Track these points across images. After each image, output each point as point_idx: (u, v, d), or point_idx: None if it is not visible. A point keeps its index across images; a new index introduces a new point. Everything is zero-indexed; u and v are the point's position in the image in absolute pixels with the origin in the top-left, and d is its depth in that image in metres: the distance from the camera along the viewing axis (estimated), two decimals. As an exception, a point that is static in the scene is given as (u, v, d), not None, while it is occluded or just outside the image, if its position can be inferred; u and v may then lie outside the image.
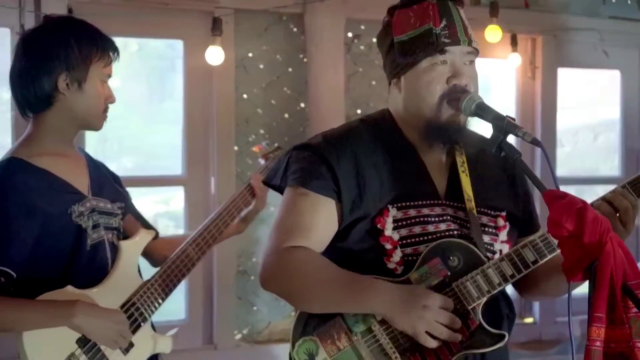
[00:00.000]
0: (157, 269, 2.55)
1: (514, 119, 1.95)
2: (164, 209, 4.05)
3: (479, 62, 2.09)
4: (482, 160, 2.11)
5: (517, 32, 4.26)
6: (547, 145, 4.41)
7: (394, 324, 1.93)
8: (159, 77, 4.04)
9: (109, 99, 2.38)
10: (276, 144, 3.13)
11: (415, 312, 1.89)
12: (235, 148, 3.79)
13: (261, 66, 3.84)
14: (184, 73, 3.76)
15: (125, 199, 2.54)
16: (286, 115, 3.90)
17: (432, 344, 1.91)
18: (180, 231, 3.85)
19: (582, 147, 5.23)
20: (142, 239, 2.50)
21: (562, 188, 4.13)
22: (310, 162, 2.03)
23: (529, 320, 4.50)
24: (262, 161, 3.05)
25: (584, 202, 1.79)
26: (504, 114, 1.96)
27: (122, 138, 3.96)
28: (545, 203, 1.83)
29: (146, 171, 3.95)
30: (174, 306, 3.85)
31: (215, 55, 3.58)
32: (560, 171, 4.86)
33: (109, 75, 2.39)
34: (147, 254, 2.57)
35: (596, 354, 1.74)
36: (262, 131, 3.86)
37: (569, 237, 1.77)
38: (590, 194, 4.89)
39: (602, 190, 2.09)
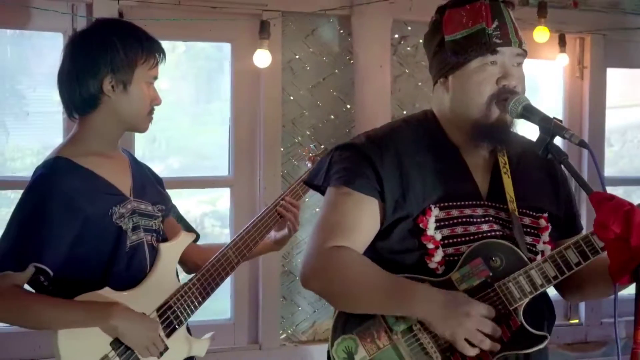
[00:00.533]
0: (196, 272, 2.53)
1: (560, 121, 1.96)
2: (210, 209, 4.08)
3: (526, 62, 2.10)
4: (524, 162, 2.11)
5: (566, 32, 4.22)
6: (595, 146, 4.40)
7: (434, 329, 1.93)
8: (207, 78, 4.06)
9: (155, 100, 2.40)
10: (323, 147, 3.15)
11: (456, 319, 1.89)
12: (282, 149, 3.81)
13: (308, 68, 3.86)
14: (232, 75, 3.79)
15: (166, 201, 2.55)
16: (332, 117, 3.91)
17: (471, 352, 1.91)
18: (226, 231, 3.87)
19: (631, 146, 5.16)
20: (182, 241, 2.50)
21: (610, 189, 4.09)
22: (353, 162, 2.04)
23: (574, 321, 4.46)
24: (308, 164, 3.06)
25: (631, 205, 1.79)
26: (551, 116, 1.96)
27: (170, 138, 3.99)
28: (592, 205, 1.83)
29: (193, 171, 3.97)
30: (220, 306, 3.88)
31: (262, 58, 3.61)
32: (609, 171, 4.79)
33: (155, 77, 2.41)
34: (180, 260, 2.55)
35: (642, 356, 1.73)
36: (308, 132, 3.87)
37: (616, 240, 1.77)
38: (639, 195, 4.85)
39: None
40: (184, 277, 2.56)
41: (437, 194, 2.02)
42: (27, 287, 2.29)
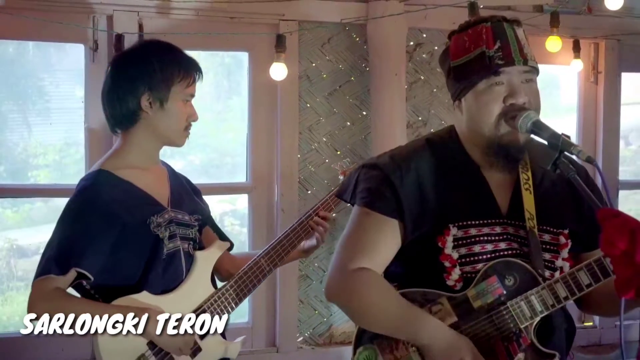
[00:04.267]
0: (229, 279, 2.64)
1: (569, 137, 1.98)
2: (230, 208, 4.12)
3: (542, 68, 2.12)
4: (548, 176, 2.14)
5: (580, 37, 4.24)
6: (610, 151, 4.42)
7: (430, 357, 2.01)
8: (227, 73, 4.07)
9: (192, 117, 2.53)
10: (355, 163, 3.21)
11: (453, 357, 1.97)
12: (298, 156, 3.86)
13: (324, 75, 3.91)
14: (249, 83, 3.85)
15: (203, 211, 2.67)
16: (348, 123, 3.96)
17: None
18: (245, 230, 3.92)
19: (650, 145, 5.16)
20: (217, 249, 2.63)
21: (628, 192, 4.11)
22: (375, 182, 2.11)
23: (589, 323, 4.49)
24: (341, 177, 3.11)
25: (637, 222, 1.82)
26: (560, 132, 1.99)
27: (191, 135, 3.99)
28: (599, 221, 1.87)
29: (214, 168, 4.03)
30: (239, 310, 3.92)
31: (279, 71, 3.66)
32: (628, 169, 4.80)
33: (192, 95, 2.53)
34: (215, 268, 2.66)
35: (648, 368, 1.78)
36: (324, 139, 3.92)
37: (622, 256, 1.80)
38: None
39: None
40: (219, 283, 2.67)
41: (456, 213, 2.06)
42: (72, 291, 2.43)
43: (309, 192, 3.86)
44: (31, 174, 3.76)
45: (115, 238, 2.39)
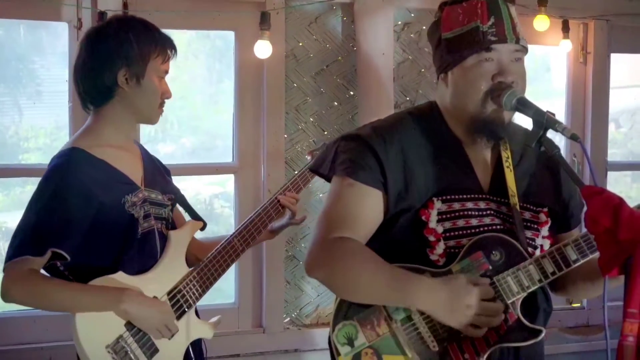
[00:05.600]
0: (204, 259, 2.64)
1: (554, 114, 1.98)
2: (220, 191, 4.10)
3: (530, 49, 2.11)
4: (527, 155, 2.14)
5: (569, 18, 4.21)
6: (599, 132, 4.41)
7: (438, 320, 1.98)
8: (219, 56, 4.03)
9: (165, 94, 2.51)
10: (323, 143, 3.21)
11: (459, 311, 1.95)
12: (285, 136, 3.83)
13: (311, 55, 3.88)
14: (235, 63, 3.81)
15: (175, 191, 2.65)
16: (335, 104, 3.94)
17: (479, 333, 1.97)
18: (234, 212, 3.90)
19: (640, 127, 5.16)
20: (190, 228, 2.63)
21: (617, 174, 4.10)
22: (358, 153, 2.07)
23: (577, 304, 4.49)
24: (308, 157, 3.15)
25: (620, 199, 1.82)
26: (544, 109, 1.98)
27: (183, 118, 4.02)
28: (583, 199, 1.86)
29: (206, 151, 4.02)
30: (225, 291, 3.93)
31: (263, 49, 3.62)
32: (618, 152, 4.79)
33: (166, 72, 2.52)
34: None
35: (628, 349, 1.77)
36: (311, 119, 3.90)
37: (605, 233, 1.80)
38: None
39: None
40: None
41: (440, 187, 2.05)
42: (43, 272, 2.40)
43: (296, 172, 3.83)
44: (22, 157, 3.74)
45: (92, 218, 2.36)
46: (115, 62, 2.42)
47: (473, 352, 1.98)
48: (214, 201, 4.15)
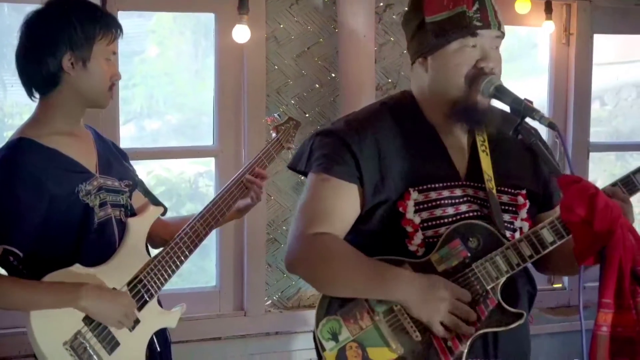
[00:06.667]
0: (165, 246, 2.54)
1: (531, 102, 1.99)
2: (204, 169, 4.09)
3: (513, 29, 2.11)
4: (503, 138, 2.14)
5: (552, -2, 4.21)
6: (581, 113, 4.41)
7: (411, 313, 1.99)
8: (205, 32, 3.96)
9: (114, 76, 2.42)
10: (287, 116, 3.14)
11: (433, 303, 1.96)
12: (266, 119, 3.81)
13: (292, 37, 3.85)
14: (216, 45, 3.77)
15: (132, 176, 2.55)
16: (317, 86, 3.92)
17: (446, 335, 1.98)
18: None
19: (625, 105, 5.16)
20: (150, 214, 2.52)
21: (600, 155, 4.09)
22: (332, 148, 2.08)
23: (557, 285, 4.52)
24: (273, 133, 3.03)
25: (596, 189, 1.83)
26: (522, 97, 1.99)
27: (169, 94, 4.00)
28: (560, 187, 1.87)
29: (191, 129, 4.01)
30: (206, 274, 3.93)
31: (242, 33, 3.59)
32: (602, 130, 4.82)
33: (114, 53, 2.42)
34: (147, 236, 2.55)
35: (602, 339, 1.78)
36: (293, 102, 3.88)
37: (581, 223, 1.81)
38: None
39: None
40: (154, 251, 2.59)
41: (416, 177, 2.06)
42: None
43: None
44: (7, 134, 3.69)
45: (44, 210, 2.27)
46: (59, 47, 2.32)
47: (456, 340, 1.99)
48: (199, 180, 4.14)
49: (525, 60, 4.66)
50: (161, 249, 2.54)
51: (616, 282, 1.79)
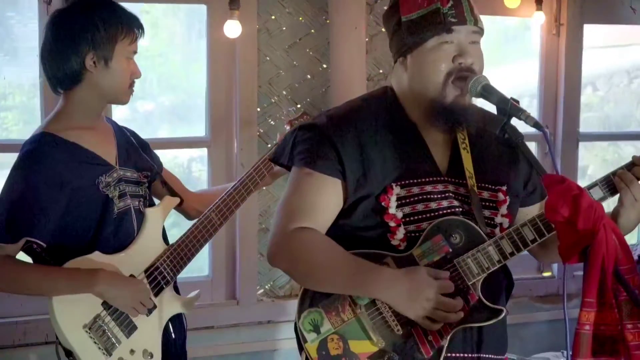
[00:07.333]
0: (181, 234, 2.67)
1: (517, 102, 2.01)
2: (198, 154, 4.10)
3: (502, 20, 2.13)
4: (484, 135, 2.16)
5: (542, -12, 4.22)
6: (571, 103, 4.43)
7: (397, 310, 2.02)
8: (199, 13, 3.94)
9: (135, 74, 2.52)
10: (302, 111, 3.21)
11: (418, 303, 1.98)
12: (258, 109, 3.83)
13: (284, 28, 3.87)
14: (207, 37, 3.79)
15: (150, 166, 2.66)
16: (308, 77, 3.94)
17: (435, 327, 2.01)
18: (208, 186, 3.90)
19: (617, 91, 5.17)
20: (166, 205, 2.66)
21: (590, 144, 4.07)
22: (315, 143, 2.10)
23: (547, 273, 4.54)
24: (287, 127, 3.12)
25: (580, 189, 1.86)
26: (509, 97, 2.01)
27: (162, 75, 4.00)
28: (544, 187, 1.90)
29: (185, 110, 4.04)
30: (198, 263, 3.94)
31: (233, 28, 3.60)
32: (595, 114, 4.82)
33: (135, 52, 2.52)
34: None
35: (585, 337, 1.82)
36: (284, 92, 3.90)
37: (565, 223, 1.84)
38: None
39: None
40: (171, 239, 2.69)
41: (398, 172, 2.07)
42: (22, 254, 2.45)
43: (269, 145, 3.83)
44: (3, 115, 3.72)
45: (65, 202, 2.39)
46: (82, 47, 2.42)
47: (436, 335, 2.02)
48: (192, 165, 4.15)
49: (517, 44, 4.67)
50: (177, 238, 2.65)
51: (599, 282, 1.82)
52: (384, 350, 2.04)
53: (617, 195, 1.98)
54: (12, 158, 3.44)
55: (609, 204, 1.98)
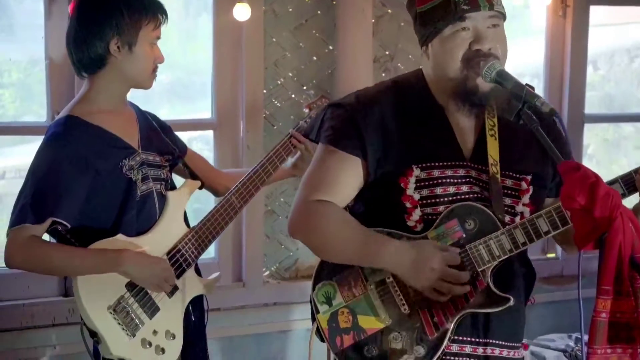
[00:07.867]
0: (202, 217, 2.72)
1: (533, 88, 2.00)
2: (198, 134, 4.09)
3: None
4: (513, 122, 2.15)
5: (549, -30, 4.20)
6: (577, 84, 4.42)
7: (405, 281, 2.07)
8: None
9: (158, 59, 2.58)
10: (321, 94, 3.24)
11: (424, 273, 2.03)
12: (264, 91, 3.82)
13: (290, 9, 3.85)
14: (214, 18, 3.76)
15: (172, 150, 2.72)
16: (315, 58, 3.92)
17: (442, 299, 2.05)
18: (212, 155, 3.88)
19: (618, 70, 5.17)
20: (188, 188, 2.70)
21: (592, 126, 4.06)
22: (340, 121, 2.15)
23: (551, 255, 4.56)
24: (306, 110, 3.19)
25: (596, 176, 1.85)
26: (524, 83, 2.01)
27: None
28: (560, 174, 1.89)
29: (182, 88, 4.02)
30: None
31: (242, 12, 3.60)
32: (596, 93, 4.82)
33: (158, 38, 2.57)
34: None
35: (601, 325, 1.82)
36: (290, 74, 3.88)
37: (581, 210, 1.84)
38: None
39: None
40: (193, 222, 2.74)
41: (420, 154, 2.11)
42: (47, 237, 2.51)
43: (275, 127, 3.85)
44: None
45: (89, 185, 2.44)
46: (107, 32, 2.47)
47: (442, 317, 2.07)
48: (193, 143, 4.14)
49: (517, 22, 4.65)
50: (199, 221, 2.70)
51: (615, 269, 1.82)
52: (390, 328, 2.10)
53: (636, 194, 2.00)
54: (10, 140, 3.47)
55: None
